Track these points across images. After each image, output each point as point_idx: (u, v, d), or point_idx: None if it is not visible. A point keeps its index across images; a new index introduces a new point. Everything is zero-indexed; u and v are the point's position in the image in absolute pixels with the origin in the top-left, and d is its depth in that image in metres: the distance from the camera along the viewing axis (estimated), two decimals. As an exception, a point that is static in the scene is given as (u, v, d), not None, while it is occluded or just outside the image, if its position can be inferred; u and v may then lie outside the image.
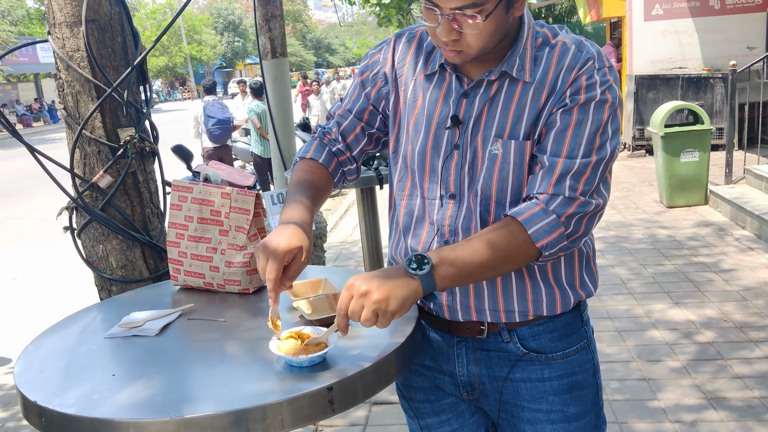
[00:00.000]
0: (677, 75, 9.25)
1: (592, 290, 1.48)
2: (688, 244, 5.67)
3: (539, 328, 1.44)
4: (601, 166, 1.31)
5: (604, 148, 1.31)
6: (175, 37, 45.68)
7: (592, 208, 1.31)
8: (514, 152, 1.33)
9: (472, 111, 1.37)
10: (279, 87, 4.00)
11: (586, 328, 1.50)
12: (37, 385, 1.30)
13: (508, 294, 1.41)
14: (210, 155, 8.42)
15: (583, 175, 1.30)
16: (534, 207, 1.29)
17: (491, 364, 1.47)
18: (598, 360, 1.54)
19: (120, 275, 2.37)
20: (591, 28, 15.41)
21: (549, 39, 1.36)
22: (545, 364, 1.44)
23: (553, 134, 1.31)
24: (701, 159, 6.60)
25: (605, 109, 1.31)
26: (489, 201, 1.37)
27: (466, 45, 1.28)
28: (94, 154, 2.30)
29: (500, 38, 1.31)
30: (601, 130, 1.31)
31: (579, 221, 1.31)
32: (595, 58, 1.32)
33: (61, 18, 2.23)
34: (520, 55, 1.34)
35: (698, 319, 4.15)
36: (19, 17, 31.60)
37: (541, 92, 1.32)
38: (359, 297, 1.21)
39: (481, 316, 1.43)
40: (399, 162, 1.50)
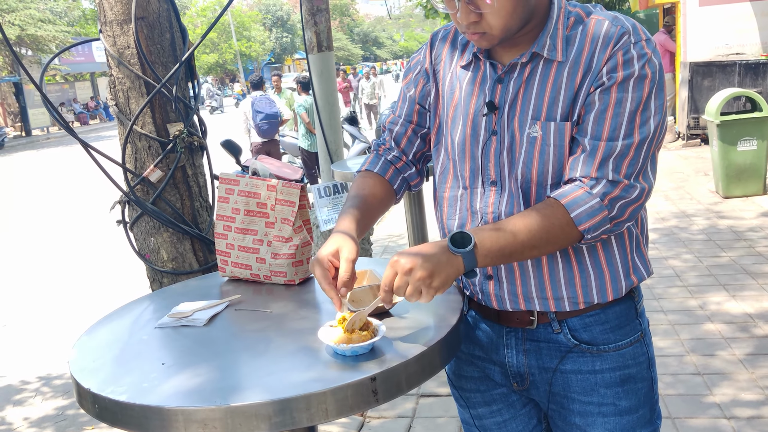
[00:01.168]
0: (734, 61, 8.95)
1: (644, 274, 1.43)
2: (746, 235, 5.49)
3: (590, 319, 1.41)
4: (644, 145, 1.28)
5: (647, 125, 1.27)
6: (225, 34, 46.36)
7: (637, 192, 1.28)
8: (554, 134, 1.31)
9: (507, 95, 1.36)
10: (325, 81, 4.02)
11: (640, 320, 1.46)
12: (90, 373, 1.34)
13: (555, 280, 1.38)
14: (258, 150, 8.54)
15: (626, 157, 1.27)
16: (578, 190, 1.27)
17: (541, 355, 1.45)
18: (653, 353, 1.50)
19: (171, 267, 2.42)
20: (643, 14, 15.04)
21: (582, 17, 1.33)
22: (596, 356, 1.41)
23: (592, 116, 1.28)
24: (759, 147, 6.38)
25: (645, 84, 1.26)
26: (530, 184, 1.35)
27: (487, 26, 1.28)
28: (145, 149, 2.36)
29: (525, 18, 1.30)
30: (642, 107, 1.27)
31: (624, 205, 1.28)
32: (630, 32, 1.28)
33: (111, 16, 2.29)
34: (551, 36, 1.32)
35: (756, 313, 4.02)
36: (76, 18, 32.55)
37: (576, 71, 1.30)
38: (404, 274, 1.23)
39: (529, 305, 1.41)
40: (441, 155, 1.50)
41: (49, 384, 4.22)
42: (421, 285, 1.22)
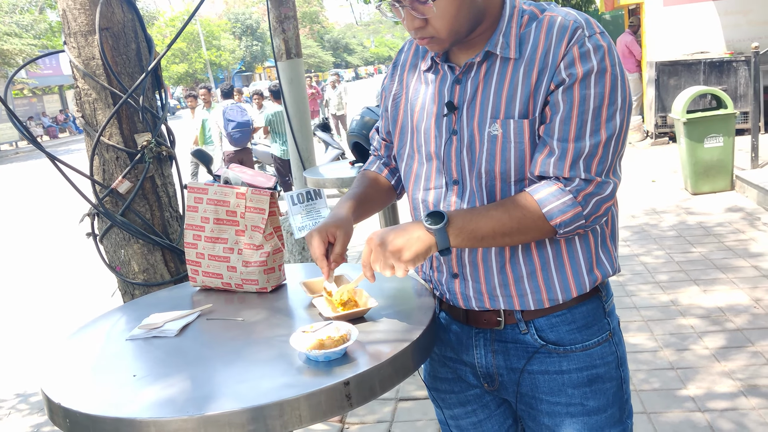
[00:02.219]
0: (699, 60, 9.11)
1: (609, 270, 1.44)
2: (715, 230, 5.59)
3: (557, 319, 1.42)
4: (612, 142, 1.30)
5: (613, 121, 1.29)
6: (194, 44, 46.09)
7: (609, 188, 1.31)
8: (514, 132, 1.32)
9: (465, 95, 1.38)
10: (295, 87, 4.02)
11: (609, 319, 1.47)
12: (61, 388, 1.32)
13: (518, 276, 1.39)
14: (231, 158, 8.50)
15: (596, 156, 1.29)
16: (551, 186, 1.30)
17: (509, 355, 1.46)
18: (625, 352, 1.51)
19: (142, 279, 2.40)
20: (609, 16, 15.24)
21: (536, 15, 1.35)
22: (563, 356, 1.42)
23: (559, 117, 1.29)
24: (726, 144, 6.50)
25: (606, 79, 1.28)
26: (494, 181, 1.37)
27: (433, 30, 1.32)
28: (113, 161, 2.33)
29: (472, 19, 1.32)
30: (606, 102, 1.28)
31: (598, 201, 1.30)
32: (583, 26, 1.29)
33: (75, 27, 2.27)
34: (504, 34, 1.34)
35: (726, 306, 4.09)
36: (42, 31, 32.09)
37: (532, 68, 1.31)
38: (376, 248, 1.30)
39: (494, 303, 1.42)
40: (406, 158, 1.52)
41: (26, 401, 4.15)
42: (391, 258, 1.29)
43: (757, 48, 6.81)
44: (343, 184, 3.62)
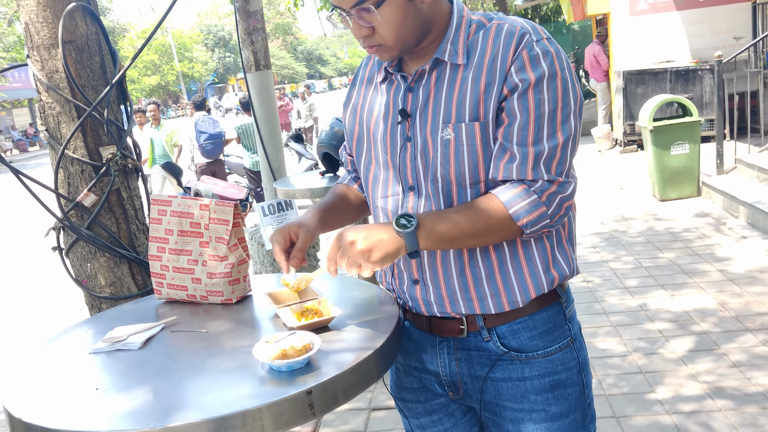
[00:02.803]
0: (665, 69, 9.28)
1: (566, 270, 1.45)
2: (682, 235, 5.68)
3: (519, 325, 1.44)
4: (569, 144, 1.34)
5: (568, 123, 1.33)
6: (167, 56, 45.82)
7: (571, 187, 1.35)
8: (465, 135, 1.35)
9: (417, 103, 1.41)
10: (264, 99, 4.02)
11: (570, 325, 1.49)
12: (22, 402, 1.31)
13: (477, 278, 1.41)
14: (203, 170, 8.45)
15: (555, 158, 1.32)
16: (517, 187, 1.33)
17: (472, 363, 1.47)
18: (587, 357, 1.53)
19: (109, 292, 2.38)
20: (577, 26, 15.48)
21: (484, 23, 1.39)
22: (525, 363, 1.44)
23: (517, 123, 1.32)
24: (692, 151, 6.62)
25: (558, 83, 1.31)
26: (450, 185, 1.39)
27: (381, 38, 1.35)
28: (78, 174, 2.32)
29: (419, 27, 1.36)
30: (560, 105, 1.32)
31: (561, 200, 1.34)
32: (530, 32, 1.33)
33: (38, 41, 2.25)
34: (452, 42, 1.38)
35: (693, 310, 4.16)
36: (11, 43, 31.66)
37: (480, 73, 1.34)
38: (346, 245, 1.31)
39: (455, 307, 1.44)
40: (363, 167, 1.56)
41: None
42: (360, 258, 1.30)
43: (720, 57, 6.96)
44: (313, 194, 3.63)
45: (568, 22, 14.21)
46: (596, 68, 11.24)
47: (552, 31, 17.39)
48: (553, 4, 18.60)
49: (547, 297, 1.46)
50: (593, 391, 1.58)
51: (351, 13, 1.33)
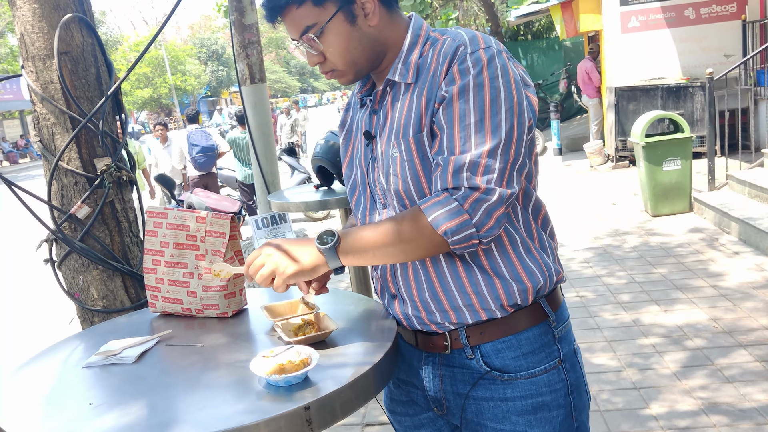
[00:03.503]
0: (656, 85, 9.36)
1: (540, 278, 1.40)
2: (675, 251, 5.70)
3: (502, 344, 1.41)
4: (499, 151, 1.29)
5: (498, 131, 1.29)
6: (160, 69, 45.80)
7: (496, 196, 1.28)
8: (405, 150, 1.37)
9: (378, 123, 1.45)
10: (259, 112, 4.01)
11: (559, 345, 1.45)
12: (15, 417, 1.29)
13: (446, 288, 1.40)
14: (196, 183, 8.43)
15: (480, 165, 1.28)
16: (439, 196, 1.31)
17: (455, 380, 1.46)
18: (579, 378, 1.48)
19: (101, 306, 2.35)
20: (570, 42, 15.59)
21: (437, 39, 1.40)
22: (507, 383, 1.41)
23: (444, 135, 1.32)
24: (683, 167, 6.65)
25: (485, 92, 1.29)
26: (404, 201, 1.41)
27: (332, 64, 1.41)
28: (72, 185, 2.30)
29: (370, 50, 1.40)
30: (488, 113, 1.29)
31: (487, 209, 1.28)
32: (466, 44, 1.33)
33: (33, 51, 2.24)
34: (403, 62, 1.40)
35: (686, 325, 4.16)
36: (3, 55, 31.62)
37: (423, 90, 1.36)
38: (266, 256, 1.37)
39: (431, 317, 1.43)
40: (350, 190, 1.59)
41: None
42: (275, 270, 1.36)
43: (711, 74, 7.02)
44: (307, 207, 3.61)
45: (561, 39, 14.31)
46: (588, 84, 11.32)
47: (544, 48, 17.51)
48: (546, 21, 18.75)
49: (534, 315, 1.42)
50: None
51: (301, 42, 1.39)
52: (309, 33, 1.36)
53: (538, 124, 14.22)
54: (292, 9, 1.35)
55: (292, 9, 1.35)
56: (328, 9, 1.34)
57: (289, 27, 1.39)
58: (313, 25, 1.35)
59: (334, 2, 1.34)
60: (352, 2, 1.35)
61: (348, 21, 1.36)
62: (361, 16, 1.37)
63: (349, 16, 1.36)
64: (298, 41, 1.39)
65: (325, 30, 1.35)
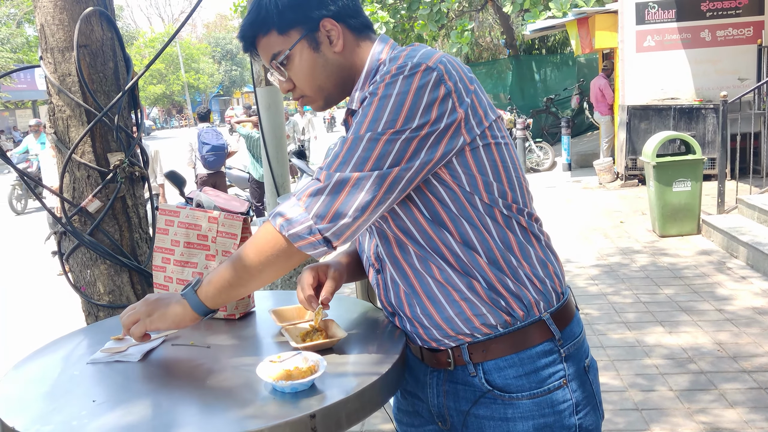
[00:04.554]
0: (669, 106, 9.34)
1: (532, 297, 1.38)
2: (682, 273, 5.67)
3: (505, 363, 1.39)
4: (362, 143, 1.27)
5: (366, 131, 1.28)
6: (173, 66, 46.02)
7: (334, 180, 1.27)
8: None
9: None
10: (272, 114, 4.01)
11: (565, 364, 1.41)
12: (17, 411, 1.28)
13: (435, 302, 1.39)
14: (204, 182, 8.44)
15: (338, 157, 1.28)
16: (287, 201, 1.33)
17: (458, 397, 1.45)
18: (591, 396, 1.45)
19: (107, 301, 2.35)
20: (584, 59, 15.58)
21: (396, 59, 1.35)
22: (508, 403, 1.39)
23: None
24: (693, 188, 6.63)
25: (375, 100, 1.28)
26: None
27: (301, 90, 1.45)
28: (84, 179, 2.30)
29: (333, 77, 1.43)
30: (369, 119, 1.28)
31: (326, 202, 1.27)
32: (385, 62, 1.38)
33: (53, 43, 2.24)
34: (360, 89, 1.43)
35: (691, 348, 4.13)
36: (19, 45, 31.78)
37: None
38: (139, 305, 1.45)
39: (429, 333, 1.43)
40: None
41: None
42: (141, 317, 1.42)
43: (725, 97, 7.00)
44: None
45: (575, 54, 14.30)
46: (601, 102, 11.31)
47: (558, 63, 17.50)
48: (561, 36, 18.76)
49: (538, 333, 1.39)
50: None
51: (272, 69, 1.44)
52: (276, 60, 1.41)
53: (549, 139, 14.19)
54: (261, 38, 1.41)
55: (260, 38, 1.41)
56: (292, 36, 1.39)
57: (261, 54, 1.44)
58: (279, 52, 1.40)
59: (298, 30, 1.39)
60: (315, 30, 1.39)
61: (312, 48, 1.40)
62: (325, 43, 1.40)
63: (312, 44, 1.40)
64: (270, 67, 1.44)
65: (289, 57, 1.40)
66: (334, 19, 1.40)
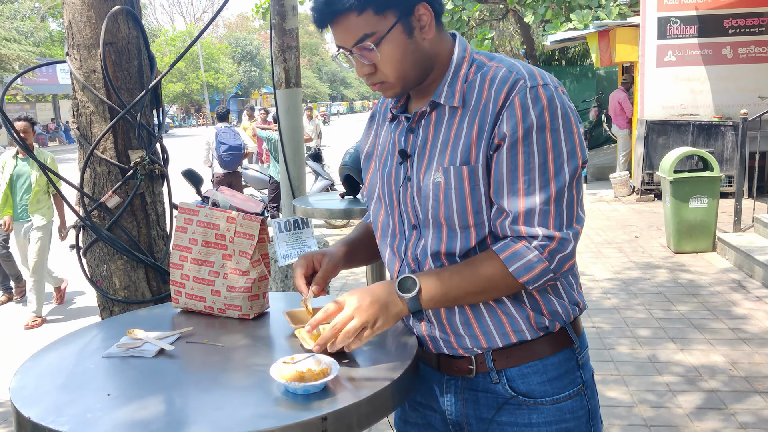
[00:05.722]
0: (688, 121, 9.29)
1: (574, 300, 1.44)
2: (695, 290, 5.62)
3: (529, 369, 1.41)
4: (565, 193, 1.31)
5: (561, 174, 1.30)
6: (193, 65, 46.32)
7: (570, 247, 1.32)
8: (454, 178, 1.35)
9: (416, 143, 1.42)
10: (291, 117, 4.03)
11: (582, 372, 1.46)
12: (32, 402, 1.29)
13: (477, 311, 1.40)
14: (220, 181, 8.49)
15: (550, 213, 1.30)
16: (517, 244, 1.31)
17: (479, 405, 1.45)
18: (597, 406, 1.50)
19: (123, 296, 2.37)
20: (603, 71, 15.53)
21: (484, 63, 1.38)
22: (533, 409, 1.41)
23: (506, 178, 1.31)
24: (710, 205, 6.58)
25: (547, 134, 1.29)
26: (441, 228, 1.39)
27: (383, 75, 1.37)
28: (104, 174, 2.32)
29: (421, 64, 1.37)
30: (551, 156, 1.29)
31: (561, 260, 1.32)
32: (525, 78, 1.31)
33: (80, 39, 2.28)
34: (449, 84, 1.38)
35: (703, 367, 4.10)
36: (42, 39, 32.15)
37: (474, 118, 1.34)
38: (353, 310, 1.31)
39: (460, 341, 1.42)
40: (374, 206, 1.56)
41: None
42: (365, 324, 1.31)
43: (745, 114, 6.96)
44: (331, 215, 3.61)
45: (595, 67, 14.26)
46: (620, 115, 11.26)
47: (577, 74, 17.46)
48: (581, 48, 18.71)
49: (560, 341, 1.43)
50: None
51: (353, 51, 1.34)
52: (366, 42, 1.31)
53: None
54: (351, 16, 1.30)
55: (350, 16, 1.30)
56: (389, 19, 1.30)
57: (342, 34, 1.33)
58: (372, 33, 1.30)
59: (394, 12, 1.30)
60: (410, 14, 1.32)
61: (405, 32, 1.32)
62: (417, 28, 1.33)
63: (407, 28, 1.32)
64: (348, 50, 1.35)
65: (383, 40, 1.31)
66: (428, 4, 1.34)
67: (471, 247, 1.38)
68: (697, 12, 9.45)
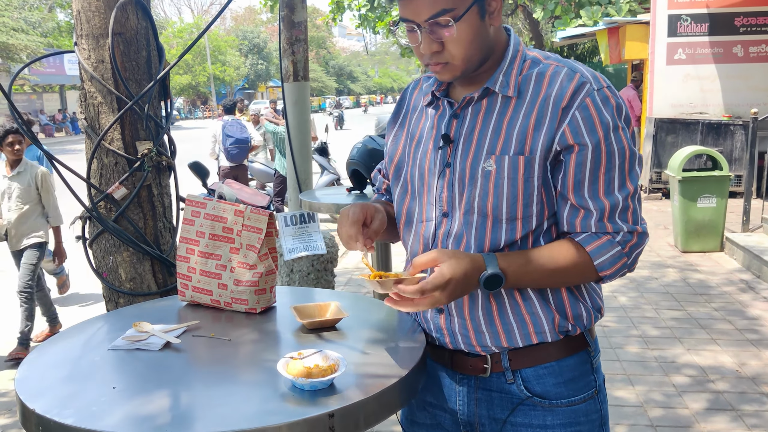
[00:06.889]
0: (697, 120, 9.23)
1: (596, 303, 1.45)
2: (703, 290, 5.59)
3: (544, 370, 1.40)
4: (638, 192, 1.36)
5: (634, 171, 1.35)
6: (200, 57, 46.32)
7: (646, 241, 1.37)
8: (508, 168, 1.33)
9: (462, 130, 1.39)
10: (299, 110, 4.02)
11: (596, 376, 1.45)
12: (37, 394, 1.29)
13: (501, 306, 1.39)
14: (226, 174, 8.48)
15: (629, 209, 1.34)
16: (601, 238, 1.34)
17: (492, 405, 1.43)
18: (608, 410, 1.49)
19: (128, 288, 2.36)
20: (612, 69, 15.47)
21: (539, 60, 1.38)
22: (548, 410, 1.40)
23: (587, 177, 1.32)
24: (718, 205, 6.54)
25: (620, 134, 1.32)
26: (486, 218, 1.36)
27: (449, 55, 1.32)
28: (111, 166, 2.31)
29: (484, 50, 1.34)
30: (627, 155, 1.33)
31: (638, 254, 1.37)
32: (590, 81, 1.32)
33: (88, 29, 2.26)
34: (504, 73, 1.36)
35: (711, 368, 4.07)
36: (50, 29, 32.18)
37: (532, 109, 1.33)
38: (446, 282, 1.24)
39: (480, 338, 1.40)
40: (399, 191, 1.52)
41: (-7, 400, 4.06)
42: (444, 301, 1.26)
43: (756, 114, 6.90)
44: (338, 210, 3.60)
45: (604, 64, 14.20)
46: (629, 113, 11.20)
47: (586, 71, 17.37)
48: (590, 45, 18.63)
49: (575, 344, 1.42)
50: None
51: (423, 27, 1.30)
52: (446, 16, 1.27)
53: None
54: None
55: None
56: None
57: (419, 7, 1.28)
58: (451, 9, 1.27)
59: None
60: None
61: (480, 15, 1.30)
62: (488, 13, 1.32)
63: (481, 10, 1.31)
64: (419, 25, 1.30)
65: (461, 18, 1.28)
66: None
67: (515, 240, 1.36)
68: (708, 10, 9.38)
